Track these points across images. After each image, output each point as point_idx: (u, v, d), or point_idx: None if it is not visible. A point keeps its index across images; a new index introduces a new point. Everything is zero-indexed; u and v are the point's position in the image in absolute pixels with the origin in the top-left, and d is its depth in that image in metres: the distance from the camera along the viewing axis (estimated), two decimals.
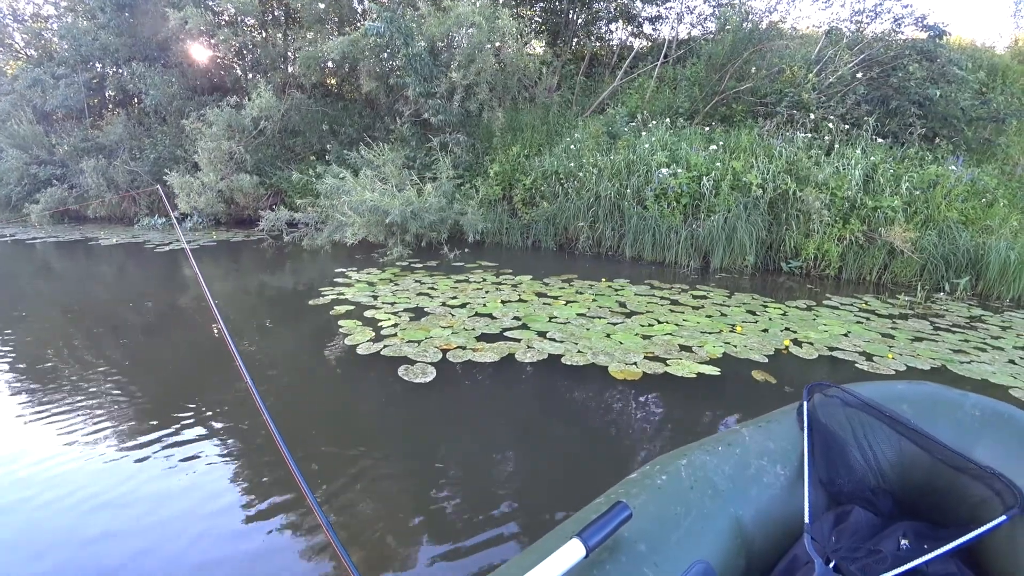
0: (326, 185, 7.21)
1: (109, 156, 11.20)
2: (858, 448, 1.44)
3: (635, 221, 6.76)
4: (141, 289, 5.76)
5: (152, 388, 3.17)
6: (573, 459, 2.52)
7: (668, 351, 3.58)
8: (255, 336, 4.12)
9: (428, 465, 2.44)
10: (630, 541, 1.04)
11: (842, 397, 1.50)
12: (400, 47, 7.45)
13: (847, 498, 1.39)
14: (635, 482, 1.24)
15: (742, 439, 1.41)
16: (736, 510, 1.23)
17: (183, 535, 1.98)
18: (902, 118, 7.19)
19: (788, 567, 1.22)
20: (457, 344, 3.69)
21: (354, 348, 3.67)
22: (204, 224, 10.06)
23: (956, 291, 5.72)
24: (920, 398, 1.50)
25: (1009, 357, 3.77)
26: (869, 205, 6.25)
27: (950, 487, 1.36)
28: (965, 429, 1.40)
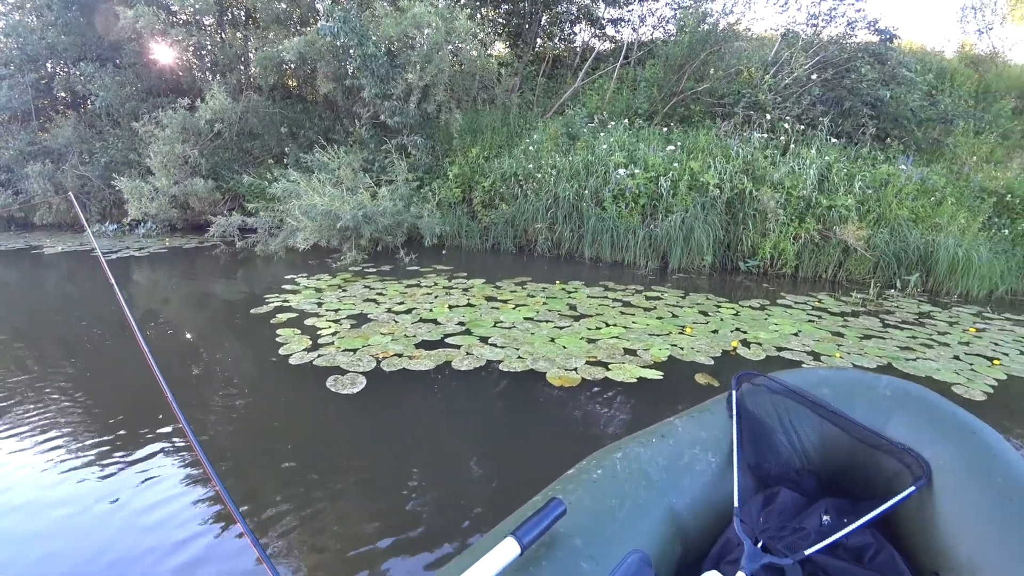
0: (278, 189, 6.96)
1: (58, 160, 10.76)
2: (784, 432, 1.49)
3: (593, 222, 6.68)
4: (81, 300, 5.48)
5: (80, 404, 2.94)
6: (504, 467, 2.40)
7: (612, 355, 3.47)
8: (187, 346, 3.90)
9: (354, 479, 2.29)
10: (566, 536, 1.04)
11: (768, 385, 1.55)
12: (354, 48, 7.25)
13: (774, 480, 1.44)
14: (571, 478, 1.25)
15: (675, 430, 1.43)
16: (670, 499, 1.25)
17: (104, 554, 1.87)
18: (855, 118, 7.26)
19: (721, 550, 1.26)
20: (394, 352, 3.53)
21: (287, 358, 3.49)
22: (158, 231, 9.71)
23: (907, 288, 5.76)
24: (839, 382, 1.56)
25: (954, 353, 3.76)
26: (824, 204, 6.27)
27: (867, 463, 1.43)
28: (879, 409, 1.47)
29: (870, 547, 1.27)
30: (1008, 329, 4.50)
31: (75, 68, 11.07)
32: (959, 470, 1.26)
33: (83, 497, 2.15)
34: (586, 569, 1.00)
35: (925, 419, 1.41)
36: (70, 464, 2.36)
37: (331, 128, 9.80)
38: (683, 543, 1.25)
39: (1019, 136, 8.50)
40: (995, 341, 4.12)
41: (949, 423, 1.39)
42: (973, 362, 3.59)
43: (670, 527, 1.22)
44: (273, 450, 2.50)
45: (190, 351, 3.81)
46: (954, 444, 1.32)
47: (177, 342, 4.01)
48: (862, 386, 1.54)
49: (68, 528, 1.99)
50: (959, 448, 1.31)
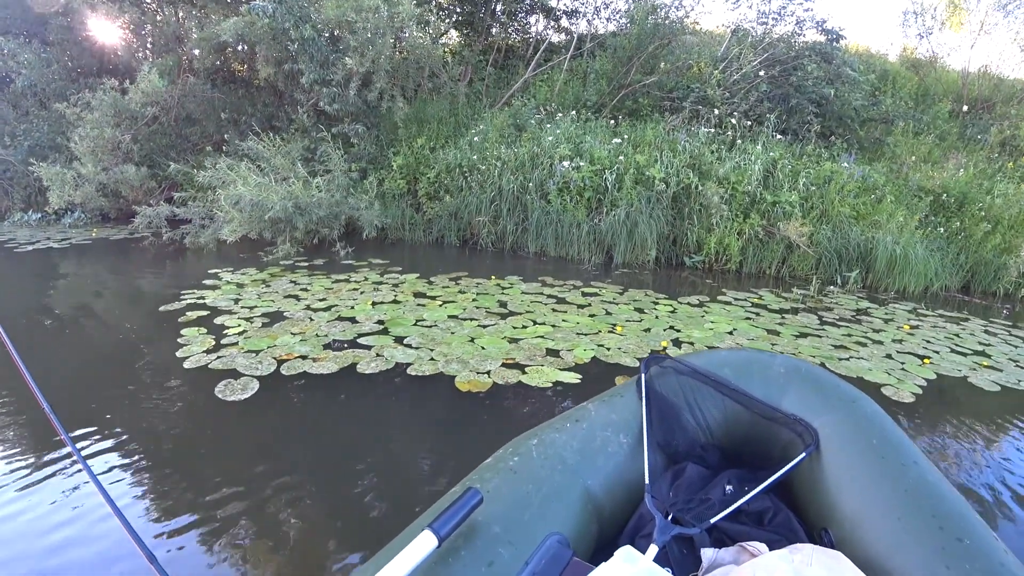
0: (205, 177, 6.48)
1: None
2: (690, 411, 1.56)
3: (537, 216, 6.43)
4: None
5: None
6: (392, 475, 2.16)
7: (532, 357, 3.22)
8: (79, 348, 3.49)
9: (228, 490, 2.02)
10: (484, 524, 1.04)
11: (675, 367, 1.61)
12: (290, 30, 6.81)
13: (682, 457, 1.50)
14: (489, 467, 1.26)
15: (588, 414, 1.46)
16: (585, 481, 1.28)
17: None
18: (801, 116, 7.20)
19: (635, 526, 1.31)
20: (299, 354, 3.20)
21: (183, 360, 3.13)
22: (86, 220, 9.04)
23: (847, 284, 5.71)
24: (739, 362, 1.65)
25: (887, 351, 3.65)
26: (768, 200, 6.17)
27: (765, 435, 1.51)
28: (774, 385, 1.56)
29: (769, 510, 1.35)
30: (940, 326, 4.45)
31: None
32: (842, 435, 1.36)
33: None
34: (505, 555, 1.00)
35: (813, 392, 1.52)
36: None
37: (274, 115, 9.29)
38: (599, 522, 1.27)
39: (955, 138, 8.62)
40: (927, 339, 4.05)
41: (833, 394, 1.51)
42: (905, 361, 3.48)
43: (586, 508, 1.24)
44: (151, 461, 2.21)
45: (79, 352, 3.40)
46: (838, 413, 1.43)
47: (72, 339, 3.60)
48: (759, 365, 1.63)
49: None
50: (842, 416, 1.42)
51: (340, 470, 2.20)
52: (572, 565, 0.92)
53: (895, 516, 1.13)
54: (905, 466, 1.25)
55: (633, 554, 0.90)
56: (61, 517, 1.89)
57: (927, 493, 1.17)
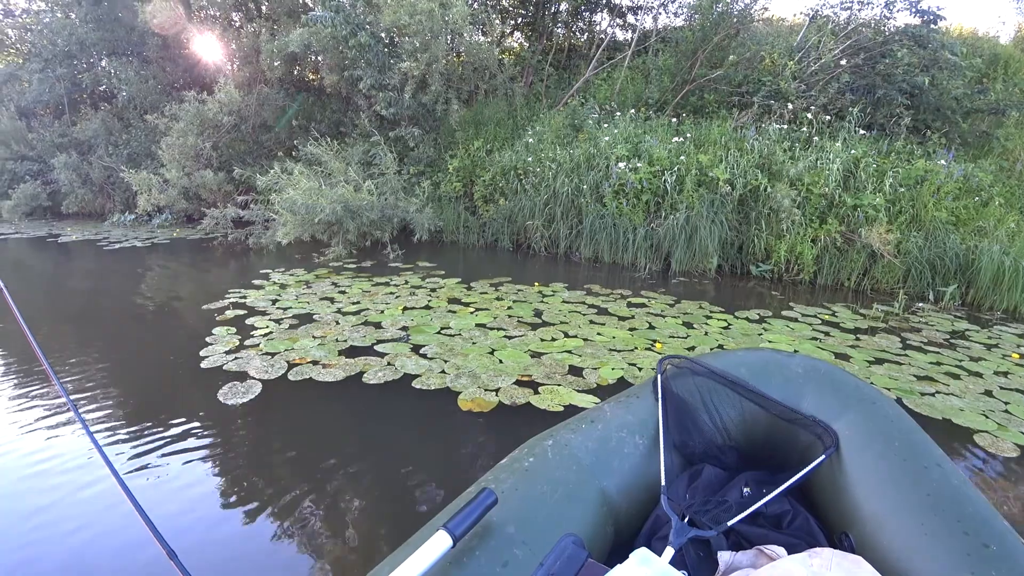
0: (263, 182, 6.58)
1: (87, 152, 10.78)
2: (706, 412, 1.50)
3: (591, 220, 6.03)
4: (57, 285, 5.24)
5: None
6: (383, 493, 2.02)
7: (551, 374, 2.88)
8: (112, 340, 3.55)
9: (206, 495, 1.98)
10: (499, 525, 1.03)
11: (691, 367, 1.56)
12: (348, 37, 6.79)
13: (699, 458, 1.45)
14: (504, 467, 1.24)
15: (604, 415, 1.43)
16: (600, 482, 1.25)
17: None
18: (889, 108, 6.34)
19: (651, 528, 1.27)
20: (312, 359, 3.06)
21: (202, 360, 3.08)
22: (172, 222, 9.55)
23: (942, 300, 4.92)
24: (756, 362, 1.58)
25: (986, 386, 3.00)
26: (848, 203, 5.45)
27: (783, 437, 1.45)
28: (793, 385, 1.50)
29: (787, 514, 1.29)
30: None
31: (106, 62, 11.06)
32: (862, 437, 1.31)
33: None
34: (519, 556, 0.98)
35: (833, 393, 1.46)
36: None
37: (341, 121, 9.42)
38: (615, 524, 1.23)
39: None
40: None
41: (853, 396, 1.44)
42: (1010, 400, 2.83)
43: (601, 509, 1.21)
44: (134, 455, 2.17)
45: (112, 345, 3.44)
46: (858, 414, 1.37)
47: (110, 333, 3.67)
48: (777, 365, 1.57)
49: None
50: (863, 417, 1.36)
51: (316, 481, 2.06)
52: (587, 566, 0.89)
53: (918, 520, 1.08)
54: (928, 468, 1.20)
55: (648, 556, 0.87)
56: (79, 510, 1.89)
57: (951, 497, 1.12)
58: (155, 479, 2.05)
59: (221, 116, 8.85)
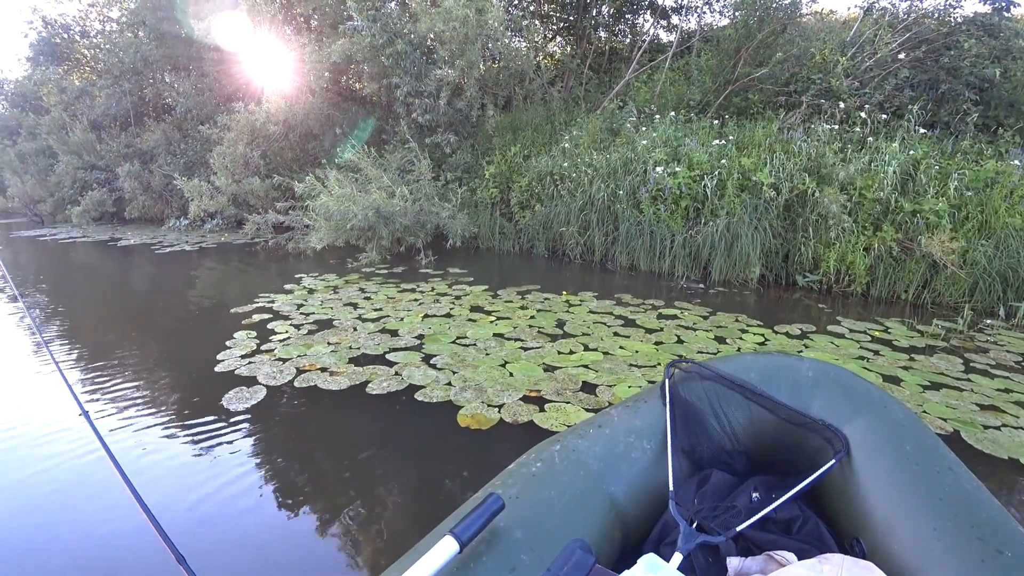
0: (300, 189, 6.65)
1: (149, 161, 11.30)
2: (715, 416, 1.47)
3: (627, 226, 5.77)
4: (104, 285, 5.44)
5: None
6: (367, 511, 1.92)
7: (562, 390, 2.68)
8: (137, 339, 3.61)
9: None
10: (506, 530, 1.02)
11: (699, 372, 1.53)
12: (385, 46, 6.79)
13: (707, 463, 1.42)
14: (511, 473, 1.22)
15: (611, 420, 1.41)
16: (608, 487, 1.23)
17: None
18: (954, 104, 5.79)
19: (660, 533, 1.25)
20: (322, 366, 3.00)
21: (217, 364, 3.07)
22: (223, 226, 9.87)
23: (1015, 317, 4.42)
24: (765, 366, 1.55)
25: None
26: (906, 208, 4.99)
27: (793, 441, 1.43)
28: (802, 389, 1.47)
29: (797, 519, 1.27)
30: None
31: (169, 76, 11.59)
32: (873, 441, 1.28)
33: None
34: (526, 561, 0.97)
35: (843, 397, 1.43)
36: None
37: (383, 128, 9.49)
38: (623, 529, 1.22)
39: None
40: None
41: (864, 400, 1.41)
42: None
43: (609, 514, 1.19)
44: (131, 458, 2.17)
45: (136, 346, 3.49)
46: (869, 418, 1.34)
47: (140, 332, 3.74)
48: (786, 369, 1.54)
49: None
50: (873, 422, 1.33)
51: (293, 493, 2.01)
52: (595, 572, 0.88)
53: (930, 525, 1.06)
54: (940, 473, 1.17)
55: (656, 562, 0.87)
56: (89, 508, 1.90)
57: (964, 502, 1.10)
58: (138, 479, 2.03)
59: (268, 126, 9.07)
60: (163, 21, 11.13)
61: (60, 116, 11.73)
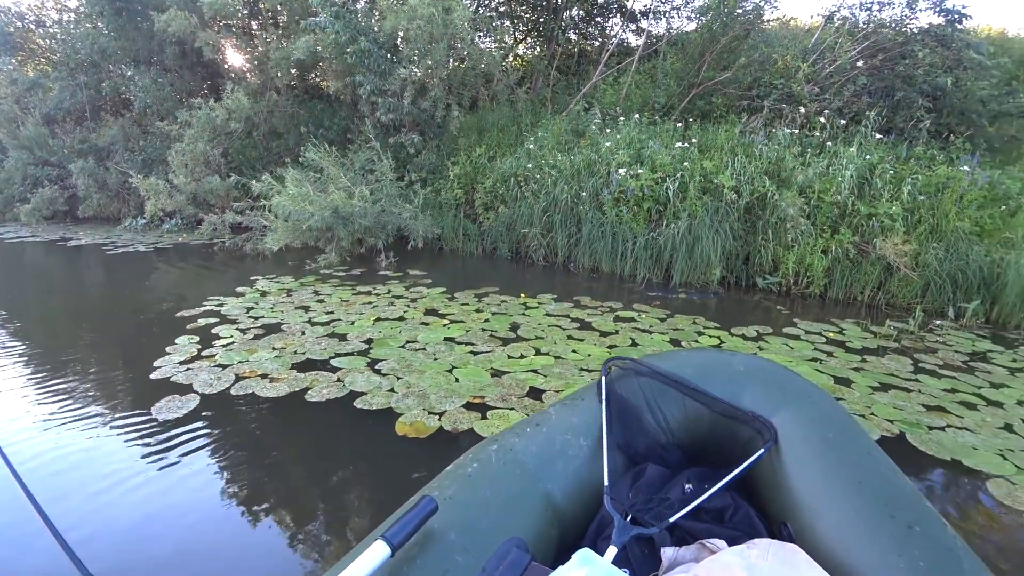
0: (257, 188, 6.45)
1: (106, 157, 10.88)
2: (650, 412, 1.49)
3: (590, 228, 5.74)
4: (49, 286, 5.17)
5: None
6: (296, 523, 1.84)
7: (507, 396, 2.62)
8: (73, 344, 3.43)
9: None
10: (440, 532, 1.01)
11: (635, 369, 1.55)
12: (348, 43, 6.64)
13: (643, 458, 1.44)
14: (447, 474, 1.22)
15: (549, 418, 1.41)
16: (545, 485, 1.23)
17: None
18: (909, 111, 5.92)
19: (596, 529, 1.26)
20: (262, 372, 2.87)
21: (154, 371, 2.91)
22: (182, 226, 9.54)
23: (963, 317, 4.50)
24: (699, 361, 1.58)
25: (1007, 419, 2.63)
26: (862, 212, 5.06)
27: (725, 433, 1.45)
28: (735, 383, 1.50)
29: (729, 507, 1.29)
30: None
31: (126, 70, 11.18)
32: (799, 430, 1.32)
33: None
34: (461, 562, 0.96)
35: (772, 389, 1.46)
36: None
37: (348, 127, 9.30)
38: (560, 526, 1.21)
39: None
40: None
41: (791, 391, 1.45)
42: None
43: (546, 512, 1.19)
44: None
45: (61, 350, 3.30)
46: (795, 408, 1.39)
47: (62, 342, 3.53)
48: (719, 364, 1.57)
49: None
50: (800, 411, 1.38)
51: (217, 508, 1.91)
52: (531, 569, 0.88)
53: (850, 507, 1.12)
54: (859, 457, 1.24)
55: (590, 556, 0.86)
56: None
57: (880, 483, 1.17)
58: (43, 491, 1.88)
59: (231, 123, 8.81)
60: (122, 12, 10.76)
61: (11, 109, 11.23)
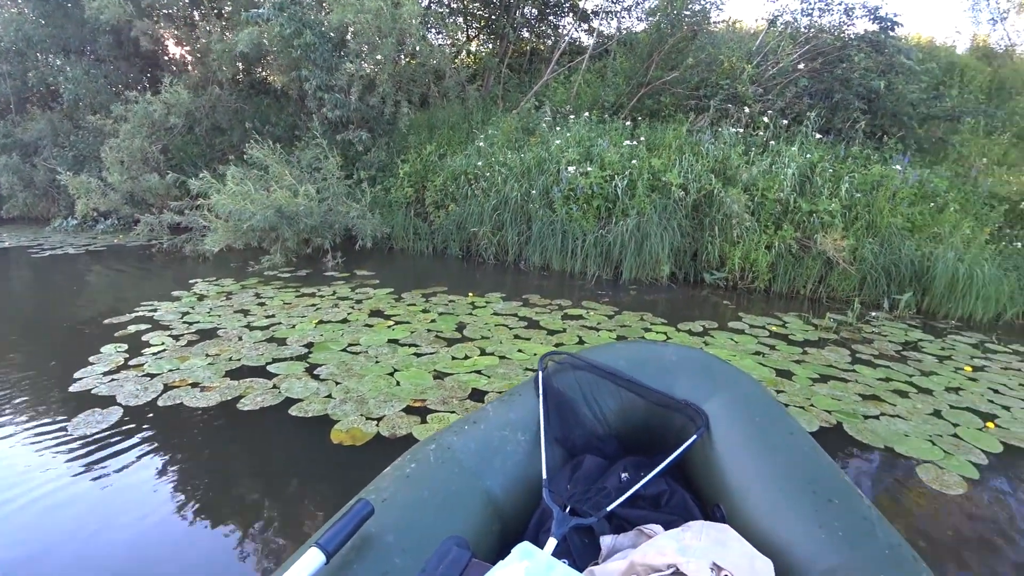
0: (195, 187, 6.15)
1: (33, 154, 10.20)
2: (586, 404, 1.51)
3: (540, 226, 5.71)
4: None
5: None
6: (227, 537, 1.74)
7: (448, 399, 2.54)
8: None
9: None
10: (377, 535, 0.99)
11: (571, 362, 1.58)
12: (293, 36, 6.41)
13: (580, 450, 1.45)
14: (384, 476, 1.21)
15: (487, 415, 1.42)
16: (484, 482, 1.23)
17: None
18: (846, 113, 6.14)
19: (537, 522, 1.26)
20: (193, 380, 2.70)
21: (75, 382, 2.70)
22: (118, 227, 9.02)
23: (897, 309, 4.69)
24: (633, 354, 1.62)
25: (936, 406, 2.72)
26: (804, 209, 5.21)
27: (660, 422, 1.50)
28: (667, 373, 1.54)
29: (665, 493, 1.32)
30: (1014, 368, 3.43)
31: (55, 59, 10.50)
32: (729, 416, 1.38)
33: None
34: (400, 564, 0.95)
35: (703, 377, 1.51)
36: None
37: (296, 124, 9.00)
38: (501, 522, 1.22)
39: None
40: (995, 386, 3.07)
41: (721, 379, 1.50)
42: (959, 422, 2.55)
43: (486, 509, 1.19)
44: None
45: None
46: (725, 395, 1.44)
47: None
48: (652, 355, 1.61)
49: None
50: (729, 398, 1.43)
51: (143, 523, 1.78)
52: (471, 566, 0.87)
53: (776, 486, 1.17)
54: (784, 439, 1.29)
55: (530, 549, 0.86)
56: None
57: (803, 462, 1.22)
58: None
59: (170, 118, 8.38)
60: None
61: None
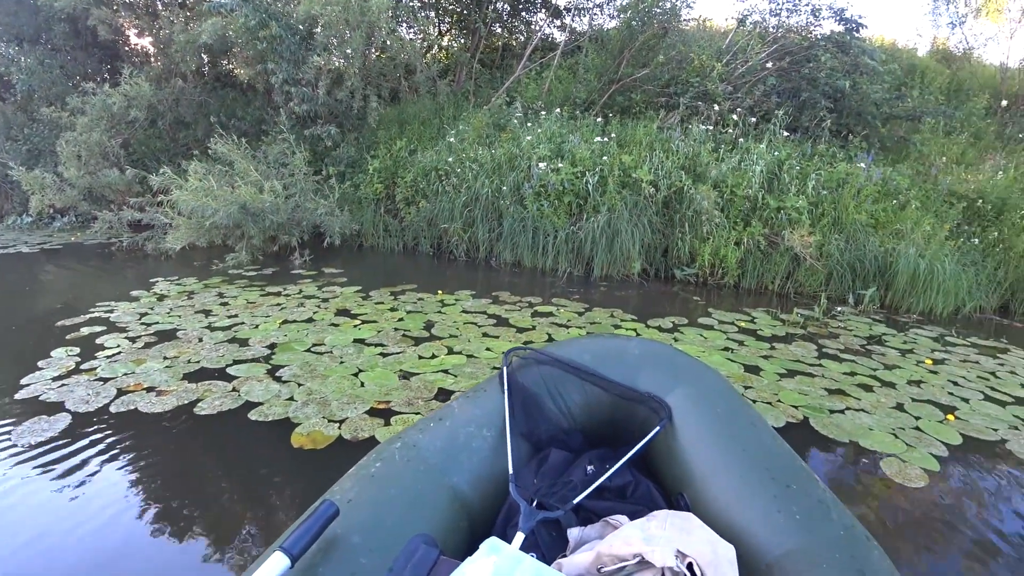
0: (156, 182, 5.93)
1: None
2: (551, 399, 1.52)
3: (511, 222, 5.66)
4: None
5: None
6: (184, 546, 1.65)
7: (413, 400, 2.47)
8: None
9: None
10: (343, 536, 0.98)
11: (536, 358, 1.58)
12: (258, 28, 6.22)
13: (546, 444, 1.46)
14: (350, 476, 1.19)
15: (452, 412, 1.41)
16: (450, 479, 1.23)
17: None
18: (813, 111, 6.24)
19: (505, 517, 1.26)
20: (148, 385, 2.58)
21: (21, 389, 2.55)
22: (76, 224, 8.68)
23: (862, 303, 4.78)
24: (597, 348, 1.64)
25: (898, 399, 2.76)
26: (772, 206, 5.27)
27: (624, 414, 1.52)
28: (631, 366, 1.55)
29: (630, 484, 1.36)
30: (972, 360, 3.51)
31: (2, 49, 10.02)
32: (691, 407, 1.40)
33: None
34: (366, 564, 0.93)
35: (666, 370, 1.53)
36: None
37: (262, 118, 8.76)
38: (469, 518, 1.21)
39: (992, 137, 7.47)
40: (955, 378, 3.13)
41: (683, 371, 1.53)
42: (921, 415, 2.59)
43: (453, 505, 1.19)
44: None
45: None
46: (688, 387, 1.47)
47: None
48: (616, 349, 1.63)
49: None
50: (691, 389, 1.46)
51: (90, 537, 1.66)
52: (439, 564, 0.86)
53: (737, 474, 1.20)
54: (744, 428, 1.33)
55: (498, 544, 0.86)
56: None
57: (762, 450, 1.26)
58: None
59: (130, 111, 8.07)
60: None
61: None
